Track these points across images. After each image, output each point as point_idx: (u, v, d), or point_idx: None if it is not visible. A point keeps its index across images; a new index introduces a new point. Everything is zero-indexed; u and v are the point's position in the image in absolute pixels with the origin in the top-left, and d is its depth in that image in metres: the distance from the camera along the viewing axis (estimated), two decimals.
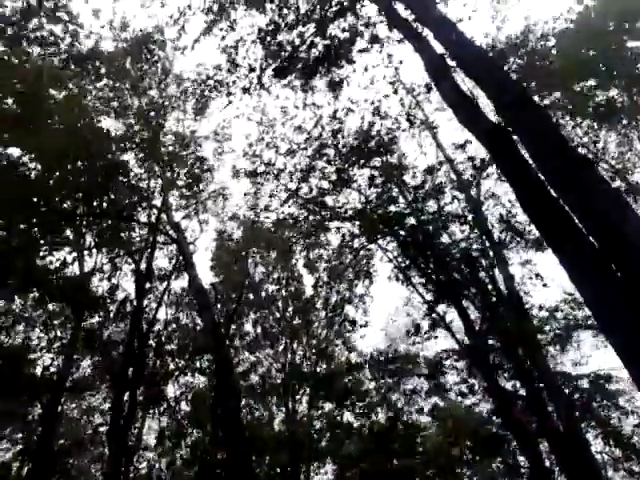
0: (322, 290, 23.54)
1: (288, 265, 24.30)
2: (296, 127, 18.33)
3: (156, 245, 22.43)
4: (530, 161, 7.24)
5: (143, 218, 21.34)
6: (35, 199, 15.75)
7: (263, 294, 25.25)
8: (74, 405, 26.13)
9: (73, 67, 18.16)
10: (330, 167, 18.24)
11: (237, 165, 19.86)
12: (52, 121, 16.11)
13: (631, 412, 17.14)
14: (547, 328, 17.90)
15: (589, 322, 17.29)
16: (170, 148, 20.53)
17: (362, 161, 18.07)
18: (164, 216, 21.39)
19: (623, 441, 16.51)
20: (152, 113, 19.99)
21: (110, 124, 19.43)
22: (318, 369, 24.98)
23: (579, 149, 17.35)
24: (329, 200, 18.80)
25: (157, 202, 21.27)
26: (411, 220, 17.64)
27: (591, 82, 15.59)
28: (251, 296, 25.13)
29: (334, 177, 18.16)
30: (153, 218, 21.69)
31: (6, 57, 15.74)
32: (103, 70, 19.04)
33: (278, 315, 25.42)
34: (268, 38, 14.00)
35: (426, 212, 17.81)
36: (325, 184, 18.46)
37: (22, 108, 15.45)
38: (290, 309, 25.53)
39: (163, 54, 20.32)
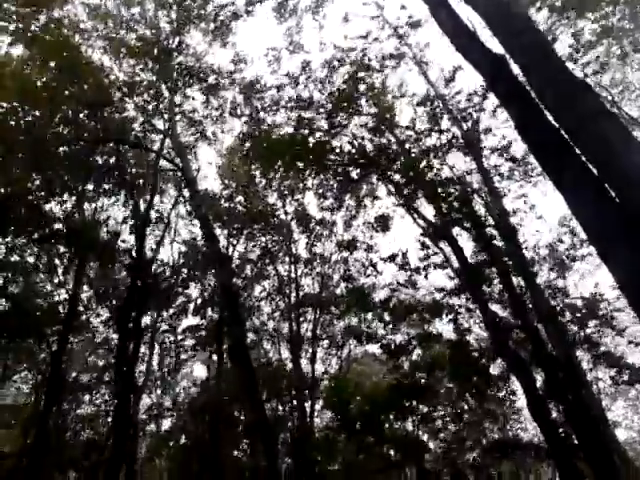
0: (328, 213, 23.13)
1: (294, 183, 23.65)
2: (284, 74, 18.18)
3: (158, 175, 22.37)
4: (529, 89, 7.18)
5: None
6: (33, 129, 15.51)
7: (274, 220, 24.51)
8: (81, 341, 26.70)
9: None
10: (320, 116, 17.98)
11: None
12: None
13: (623, 330, 17.46)
14: (541, 257, 18.06)
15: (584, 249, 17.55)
16: (182, 67, 19.98)
17: (353, 107, 17.82)
18: (168, 142, 21.27)
19: (617, 361, 16.89)
20: (168, 28, 19.40)
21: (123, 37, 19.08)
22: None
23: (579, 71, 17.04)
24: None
25: (161, 126, 21.13)
26: (402, 159, 17.50)
27: None
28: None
29: (325, 126, 17.91)
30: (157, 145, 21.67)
31: None
32: None
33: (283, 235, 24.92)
34: None
35: (418, 152, 17.65)
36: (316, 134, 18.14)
37: None
38: (296, 229, 24.99)
39: None
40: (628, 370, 16.48)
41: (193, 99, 21.31)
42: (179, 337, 25.60)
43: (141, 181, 22.24)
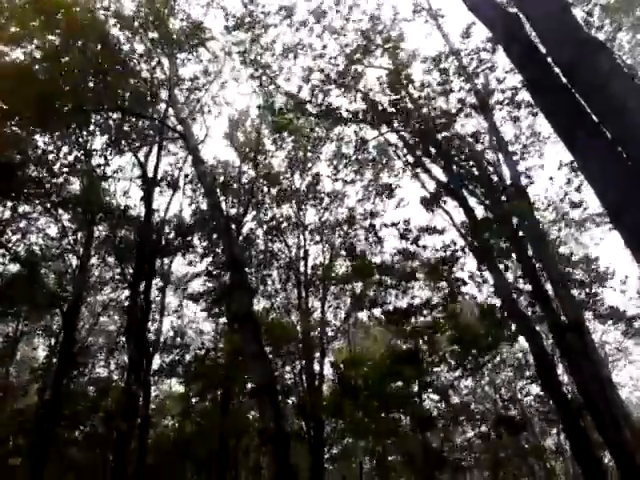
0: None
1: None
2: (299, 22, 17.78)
3: (163, 143, 22.28)
4: (541, 48, 6.96)
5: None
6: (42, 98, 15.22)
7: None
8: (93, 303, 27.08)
9: None
10: (333, 66, 17.65)
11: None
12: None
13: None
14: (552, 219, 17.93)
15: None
16: (179, 34, 19.51)
17: (367, 59, 17.51)
18: (170, 111, 20.98)
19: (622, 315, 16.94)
20: None
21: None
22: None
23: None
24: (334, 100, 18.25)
25: (163, 96, 20.86)
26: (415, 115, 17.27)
27: None
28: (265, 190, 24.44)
29: (336, 77, 17.59)
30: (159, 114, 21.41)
31: None
32: None
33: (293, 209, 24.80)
34: None
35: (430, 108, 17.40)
36: (328, 86, 17.85)
37: None
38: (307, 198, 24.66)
39: None
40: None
41: (189, 59, 20.91)
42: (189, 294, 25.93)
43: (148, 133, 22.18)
